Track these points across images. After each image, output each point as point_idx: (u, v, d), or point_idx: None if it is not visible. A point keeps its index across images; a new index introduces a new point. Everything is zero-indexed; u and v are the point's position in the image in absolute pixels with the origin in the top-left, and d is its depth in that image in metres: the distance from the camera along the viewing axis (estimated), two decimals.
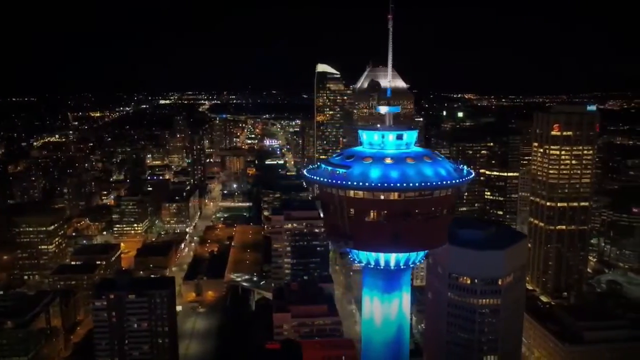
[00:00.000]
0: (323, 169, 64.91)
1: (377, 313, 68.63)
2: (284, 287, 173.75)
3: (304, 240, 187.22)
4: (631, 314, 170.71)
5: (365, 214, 61.05)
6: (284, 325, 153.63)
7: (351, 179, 60.13)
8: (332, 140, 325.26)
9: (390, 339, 68.51)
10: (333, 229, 64.94)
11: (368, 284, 69.15)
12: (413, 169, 60.49)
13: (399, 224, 60.92)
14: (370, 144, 66.29)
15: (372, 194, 59.67)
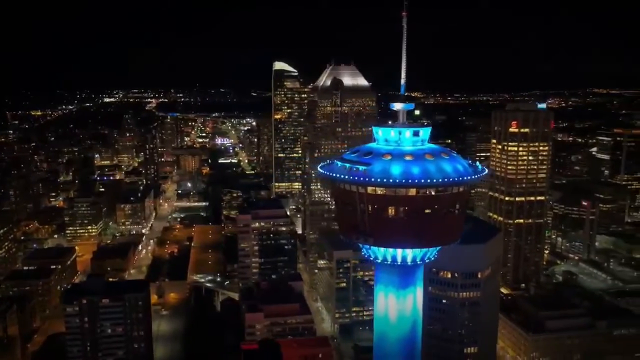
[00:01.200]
0: (340, 166, 64.49)
1: (392, 309, 68.90)
2: (253, 286, 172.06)
3: (271, 239, 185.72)
4: (587, 302, 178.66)
5: (385, 210, 61.16)
6: (257, 325, 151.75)
7: (373, 176, 60.13)
8: (291, 139, 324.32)
9: (405, 334, 68.92)
10: (350, 226, 64.65)
11: (382, 280, 69.23)
12: (433, 165, 61.16)
13: (419, 220, 61.40)
14: (386, 140, 66.39)
15: (392, 191, 59.92)
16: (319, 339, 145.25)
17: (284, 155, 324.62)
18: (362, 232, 63.22)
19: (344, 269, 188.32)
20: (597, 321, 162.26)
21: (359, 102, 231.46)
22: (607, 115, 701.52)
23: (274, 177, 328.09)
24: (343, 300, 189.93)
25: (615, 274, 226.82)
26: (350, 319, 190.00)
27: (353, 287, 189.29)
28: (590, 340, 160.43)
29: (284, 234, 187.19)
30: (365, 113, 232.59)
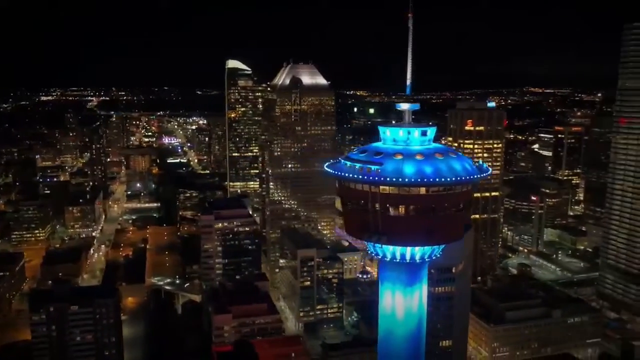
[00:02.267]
0: (349, 166, 64.64)
1: (399, 307, 69.76)
2: (218, 287, 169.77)
3: (234, 239, 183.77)
4: (542, 293, 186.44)
5: (397, 209, 61.87)
6: (225, 326, 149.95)
7: (386, 176, 60.67)
8: (245, 138, 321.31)
9: (411, 331, 69.98)
10: (361, 226, 64.96)
11: (390, 278, 69.97)
12: (444, 164, 62.39)
13: (430, 218, 62.49)
14: (395, 140, 67.11)
15: (405, 190, 60.72)
16: (290, 338, 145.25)
17: (238, 154, 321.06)
18: (374, 232, 63.87)
19: (308, 267, 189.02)
20: (552, 310, 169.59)
21: (318, 101, 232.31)
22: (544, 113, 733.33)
23: (228, 176, 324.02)
24: (307, 298, 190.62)
25: (563, 265, 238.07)
26: (315, 317, 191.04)
27: (317, 286, 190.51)
28: (546, 329, 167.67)
29: (248, 234, 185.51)
30: (325, 112, 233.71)
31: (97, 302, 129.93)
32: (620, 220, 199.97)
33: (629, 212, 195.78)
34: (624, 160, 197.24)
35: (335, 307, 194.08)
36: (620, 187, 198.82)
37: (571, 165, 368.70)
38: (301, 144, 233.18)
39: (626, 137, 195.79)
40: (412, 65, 67.87)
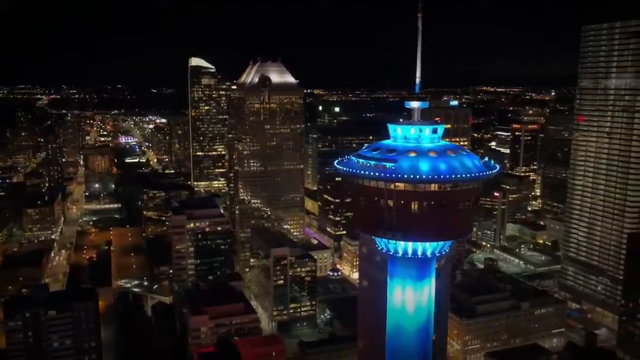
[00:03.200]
0: (362, 164, 64.93)
1: (410, 301, 70.66)
2: (192, 288, 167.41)
3: (207, 239, 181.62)
4: (509, 286, 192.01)
5: (411, 205, 62.64)
6: (202, 327, 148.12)
7: (402, 172, 61.28)
8: (209, 137, 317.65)
9: (421, 325, 71.01)
10: (375, 222, 65.38)
11: (400, 273, 70.74)
12: (456, 161, 63.60)
13: (442, 214, 63.58)
14: (406, 138, 67.80)
15: (419, 187, 61.49)
16: (270, 338, 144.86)
17: (202, 153, 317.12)
18: (389, 228, 64.56)
19: (281, 266, 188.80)
20: (520, 303, 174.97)
21: (287, 99, 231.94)
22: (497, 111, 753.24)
23: (192, 176, 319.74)
24: (280, 297, 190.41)
25: (526, 259, 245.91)
26: (288, 316, 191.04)
27: (290, 284, 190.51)
28: (515, 321, 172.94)
29: (220, 234, 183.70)
30: (293, 110, 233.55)
31: (75, 306, 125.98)
32: (580, 214, 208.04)
33: (589, 207, 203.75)
34: (583, 157, 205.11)
35: (309, 305, 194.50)
36: (581, 182, 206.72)
37: (528, 161, 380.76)
38: (270, 142, 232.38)
39: (586, 135, 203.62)
40: (420, 64, 68.90)
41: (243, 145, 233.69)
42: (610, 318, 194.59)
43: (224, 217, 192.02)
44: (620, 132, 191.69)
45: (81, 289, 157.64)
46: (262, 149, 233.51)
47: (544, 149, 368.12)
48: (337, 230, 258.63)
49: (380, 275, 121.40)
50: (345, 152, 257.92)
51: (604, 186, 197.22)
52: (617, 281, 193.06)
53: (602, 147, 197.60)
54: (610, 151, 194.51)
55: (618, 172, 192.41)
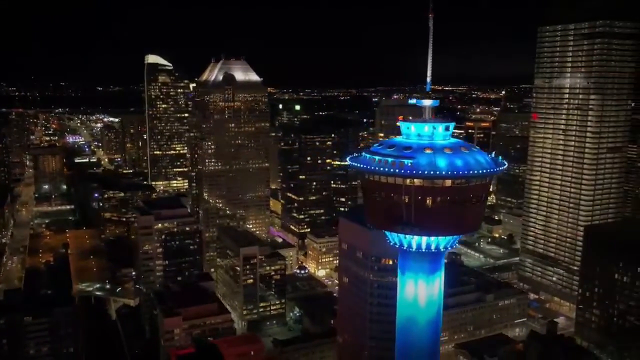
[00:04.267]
0: (378, 160, 65.68)
1: (422, 294, 71.92)
2: (163, 290, 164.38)
3: (175, 240, 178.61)
4: (473, 279, 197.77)
5: (427, 201, 63.87)
6: (176, 329, 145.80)
7: (420, 169, 62.41)
8: (167, 135, 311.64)
9: (432, 317, 72.42)
10: (392, 218, 66.23)
11: (412, 268, 71.89)
12: (470, 157, 65.38)
13: (457, 209, 65.12)
14: (419, 135, 69.04)
15: (435, 182, 62.79)
16: (247, 337, 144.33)
17: (160, 152, 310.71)
18: (407, 223, 65.73)
19: (251, 265, 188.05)
20: (485, 295, 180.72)
21: (251, 97, 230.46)
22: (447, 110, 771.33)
23: (149, 175, 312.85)
24: (250, 296, 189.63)
25: (485, 252, 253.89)
26: (258, 315, 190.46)
27: (260, 283, 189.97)
28: (480, 313, 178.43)
29: (189, 234, 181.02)
30: (258, 108, 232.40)
31: (54, 311, 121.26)
32: (537, 208, 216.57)
33: (546, 201, 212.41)
34: (540, 153, 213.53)
35: (278, 303, 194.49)
36: (538, 178, 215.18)
37: None
38: (235, 140, 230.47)
39: (542, 132, 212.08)
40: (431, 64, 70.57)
41: (207, 143, 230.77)
42: (567, 307, 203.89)
43: (192, 216, 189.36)
44: (574, 130, 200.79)
45: (59, 294, 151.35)
46: (226, 147, 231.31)
47: (496, 146, 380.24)
48: (301, 228, 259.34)
49: (362, 272, 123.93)
50: (309, 150, 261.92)
51: (560, 181, 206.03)
52: (573, 272, 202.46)
53: (557, 144, 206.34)
54: (566, 148, 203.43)
55: (573, 168, 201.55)
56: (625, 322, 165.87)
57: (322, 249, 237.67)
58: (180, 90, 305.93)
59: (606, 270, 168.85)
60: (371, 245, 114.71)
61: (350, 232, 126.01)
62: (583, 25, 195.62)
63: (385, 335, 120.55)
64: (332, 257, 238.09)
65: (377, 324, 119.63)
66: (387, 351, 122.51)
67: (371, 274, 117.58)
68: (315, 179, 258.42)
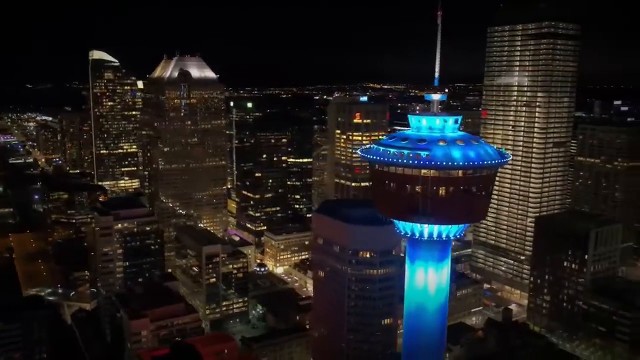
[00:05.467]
0: (392, 153, 66.77)
1: (432, 281, 73.70)
2: (125, 292, 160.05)
3: (136, 240, 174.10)
4: None
5: (441, 191, 65.61)
6: (143, 331, 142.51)
7: (437, 160, 64.02)
8: (114, 134, 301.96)
9: (441, 304, 74.38)
10: (408, 208, 67.45)
11: (422, 256, 73.53)
12: (481, 148, 67.71)
13: (468, 198, 67.24)
14: (431, 128, 70.63)
15: (450, 173, 64.62)
16: (219, 335, 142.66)
17: (107, 152, 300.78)
18: (423, 213, 67.38)
19: (213, 263, 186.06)
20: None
21: (207, 95, 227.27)
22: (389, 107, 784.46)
23: (96, 175, 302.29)
24: (213, 295, 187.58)
25: None
26: (221, 313, 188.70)
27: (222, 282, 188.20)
28: None
29: (150, 234, 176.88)
30: (214, 106, 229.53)
31: (25, 315, 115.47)
32: None
33: (496, 194, 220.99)
34: None
35: (241, 301, 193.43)
36: None
37: None
38: (191, 139, 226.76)
39: (492, 128, 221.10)
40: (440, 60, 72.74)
41: (162, 142, 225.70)
42: (517, 295, 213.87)
43: (153, 216, 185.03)
44: (523, 126, 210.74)
45: (30, 298, 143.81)
46: (182, 145, 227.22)
47: None
48: (257, 226, 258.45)
49: (340, 265, 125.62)
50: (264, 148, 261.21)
51: (510, 175, 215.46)
52: (522, 261, 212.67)
53: (507, 139, 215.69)
54: (515, 143, 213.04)
55: (522, 162, 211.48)
56: (574, 306, 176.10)
57: (280, 246, 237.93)
58: (127, 87, 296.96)
59: (555, 259, 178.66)
60: (349, 239, 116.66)
61: (326, 226, 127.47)
62: (530, 26, 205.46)
63: (363, 327, 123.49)
64: (290, 254, 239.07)
65: (355, 316, 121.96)
66: (365, 343, 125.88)
67: (349, 267, 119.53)
68: (271, 177, 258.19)
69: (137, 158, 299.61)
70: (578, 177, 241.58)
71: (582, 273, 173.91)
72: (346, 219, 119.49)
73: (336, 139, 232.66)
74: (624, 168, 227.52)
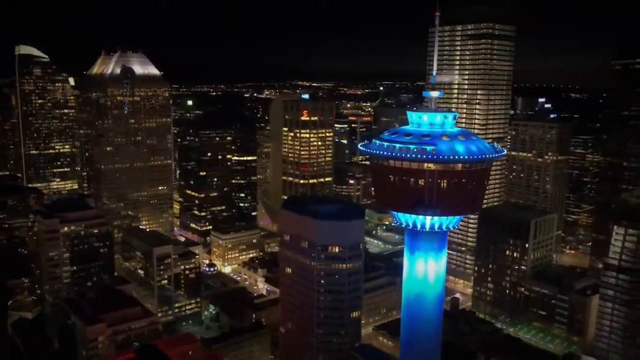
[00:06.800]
0: (398, 148, 68.08)
1: (431, 271, 75.62)
2: (76, 297, 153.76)
3: (84, 243, 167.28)
4: (381, 264, 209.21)
5: (442, 183, 67.65)
6: (99, 337, 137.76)
7: (443, 154, 65.92)
8: (45, 133, 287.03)
9: (440, 291, 76.51)
10: (414, 201, 68.87)
11: (422, 247, 75.28)
12: (480, 143, 70.45)
13: (467, 191, 69.70)
14: (431, 124, 72.39)
15: (454, 166, 66.76)
16: (182, 336, 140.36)
17: (37, 152, 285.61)
18: (429, 205, 69.32)
19: (165, 265, 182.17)
20: (396, 278, 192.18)
21: (151, 92, 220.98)
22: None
23: (25, 177, 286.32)
24: (165, 297, 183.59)
25: (383, 239, 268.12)
26: (173, 315, 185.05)
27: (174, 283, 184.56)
28: (392, 295, 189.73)
29: (98, 237, 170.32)
30: (159, 103, 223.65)
31: None
32: None
33: None
34: None
35: (193, 302, 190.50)
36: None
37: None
38: (135, 137, 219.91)
39: None
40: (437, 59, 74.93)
41: (104, 141, 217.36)
42: (461, 284, 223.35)
43: (101, 218, 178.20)
44: (464, 122, 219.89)
45: None
46: (126, 145, 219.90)
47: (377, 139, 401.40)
48: (203, 226, 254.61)
49: (308, 261, 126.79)
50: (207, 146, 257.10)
51: None
52: (465, 252, 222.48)
53: None
54: None
55: None
56: (516, 292, 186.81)
57: (228, 245, 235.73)
58: (59, 84, 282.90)
59: (498, 248, 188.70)
60: (317, 235, 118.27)
61: (293, 222, 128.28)
62: (468, 27, 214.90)
63: (332, 321, 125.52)
64: (238, 253, 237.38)
65: (325, 310, 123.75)
66: (334, 336, 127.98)
67: (317, 262, 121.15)
68: (216, 175, 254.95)
69: (71, 158, 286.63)
70: (511, 171, 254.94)
71: (523, 261, 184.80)
72: (314, 215, 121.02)
73: (283, 137, 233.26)
74: (553, 162, 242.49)
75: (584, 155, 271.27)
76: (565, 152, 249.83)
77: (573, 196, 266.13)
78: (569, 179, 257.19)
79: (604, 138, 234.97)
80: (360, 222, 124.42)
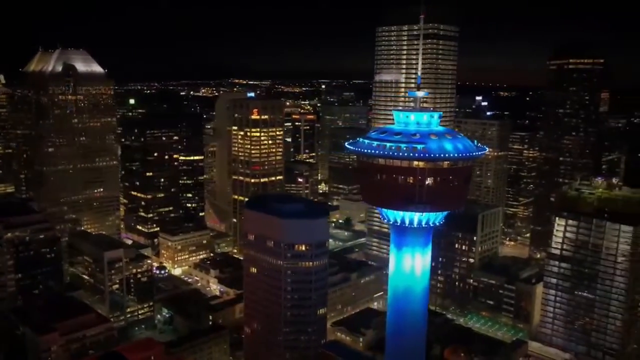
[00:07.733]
0: (389, 147, 68.59)
1: (418, 265, 76.69)
2: (23, 306, 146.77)
3: (30, 250, 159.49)
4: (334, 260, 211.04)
5: (432, 181, 68.92)
6: (52, 347, 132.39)
7: (433, 152, 67.09)
8: None
9: (426, 284, 77.80)
10: (404, 198, 69.65)
11: (409, 242, 76.24)
12: (465, 141, 72.33)
13: (453, 187, 71.36)
14: (418, 123, 73.31)
15: (441, 164, 68.16)
16: (144, 341, 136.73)
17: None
18: (419, 202, 70.54)
19: (116, 269, 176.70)
20: (350, 274, 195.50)
21: (95, 90, 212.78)
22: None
23: None
24: (116, 302, 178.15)
25: (333, 236, 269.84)
26: (126, 321, 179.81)
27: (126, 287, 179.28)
28: (347, 291, 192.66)
29: (45, 242, 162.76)
30: (104, 102, 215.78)
31: None
32: None
33: None
34: None
35: (146, 306, 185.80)
36: None
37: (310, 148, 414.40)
38: (79, 138, 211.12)
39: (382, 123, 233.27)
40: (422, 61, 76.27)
41: (45, 142, 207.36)
42: None
43: (47, 222, 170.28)
44: None
45: None
46: (69, 145, 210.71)
47: (321, 137, 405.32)
48: (150, 228, 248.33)
49: (274, 260, 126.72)
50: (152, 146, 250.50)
51: None
52: None
53: None
54: None
55: None
56: (465, 284, 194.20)
57: (177, 246, 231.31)
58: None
59: (447, 242, 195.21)
60: (283, 233, 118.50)
61: (258, 222, 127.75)
62: (414, 27, 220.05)
63: (300, 319, 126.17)
64: (188, 254, 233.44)
65: (292, 309, 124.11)
66: (302, 333, 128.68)
67: (284, 261, 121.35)
68: (162, 176, 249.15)
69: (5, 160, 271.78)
70: None
71: (471, 253, 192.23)
72: (280, 214, 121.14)
73: (233, 136, 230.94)
74: (494, 157, 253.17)
75: (521, 151, 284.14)
76: (505, 148, 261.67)
77: (511, 190, 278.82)
78: (507, 174, 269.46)
79: (540, 134, 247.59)
80: (324, 220, 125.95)
